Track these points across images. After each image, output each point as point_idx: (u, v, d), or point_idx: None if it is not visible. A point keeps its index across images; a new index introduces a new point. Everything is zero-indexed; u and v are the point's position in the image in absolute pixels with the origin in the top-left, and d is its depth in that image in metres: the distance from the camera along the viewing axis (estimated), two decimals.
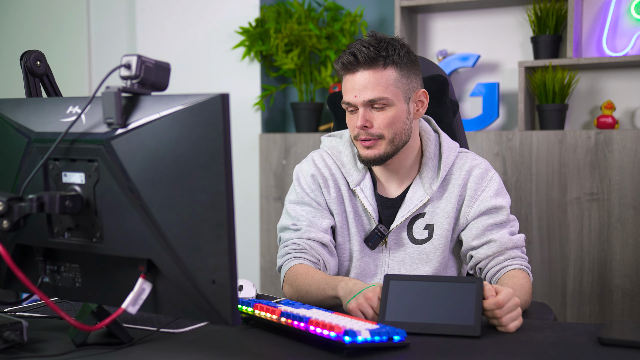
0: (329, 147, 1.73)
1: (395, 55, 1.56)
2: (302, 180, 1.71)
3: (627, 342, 1.17)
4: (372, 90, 1.55)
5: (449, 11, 3.23)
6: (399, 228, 1.67)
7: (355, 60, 1.55)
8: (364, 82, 1.56)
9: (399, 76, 1.57)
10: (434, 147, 1.68)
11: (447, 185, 1.67)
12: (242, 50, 3.45)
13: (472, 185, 1.66)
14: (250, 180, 3.44)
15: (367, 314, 1.34)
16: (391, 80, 1.56)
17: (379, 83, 1.55)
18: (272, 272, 3.35)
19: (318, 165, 1.71)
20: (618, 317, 2.71)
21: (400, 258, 1.67)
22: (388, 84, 1.56)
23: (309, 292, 1.53)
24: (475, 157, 1.70)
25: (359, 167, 1.68)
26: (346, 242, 1.70)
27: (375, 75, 1.55)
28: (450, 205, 1.65)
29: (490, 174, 1.67)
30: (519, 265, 1.59)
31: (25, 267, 1.23)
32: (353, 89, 1.57)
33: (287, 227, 1.69)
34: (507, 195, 1.67)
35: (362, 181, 1.68)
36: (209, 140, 1.01)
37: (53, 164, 1.16)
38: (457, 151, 1.70)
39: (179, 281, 1.06)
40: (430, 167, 1.66)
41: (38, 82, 1.45)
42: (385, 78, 1.56)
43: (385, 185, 1.69)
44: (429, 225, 1.66)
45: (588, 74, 3.01)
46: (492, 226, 1.63)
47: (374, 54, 1.55)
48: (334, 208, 1.69)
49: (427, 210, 1.66)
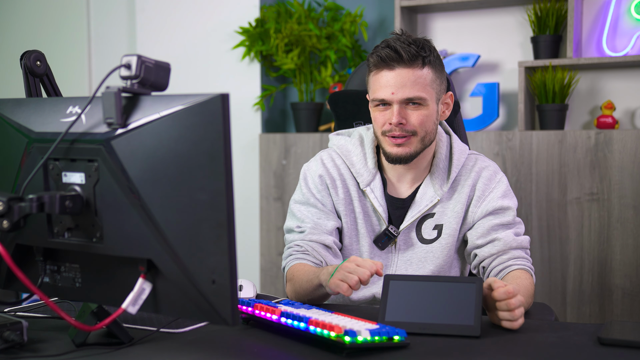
0: (337, 147, 1.73)
1: (432, 55, 1.58)
2: (309, 180, 1.71)
3: (627, 342, 1.17)
4: (411, 89, 1.55)
5: (449, 11, 3.23)
6: (408, 228, 1.67)
7: (398, 56, 1.55)
8: (402, 79, 1.55)
9: (434, 77, 1.59)
10: (445, 149, 1.69)
11: (456, 186, 1.67)
12: (242, 50, 3.45)
13: (480, 186, 1.67)
14: (250, 180, 3.44)
15: (350, 281, 1.33)
16: (428, 80, 1.57)
17: (417, 82, 1.56)
18: (272, 272, 3.35)
19: (327, 165, 1.71)
20: (618, 317, 2.71)
21: (408, 257, 1.67)
22: (425, 84, 1.57)
23: (302, 287, 1.54)
24: (485, 160, 1.71)
25: (369, 167, 1.68)
26: (354, 243, 1.69)
27: (415, 74, 1.56)
28: (460, 206, 1.66)
29: (498, 176, 1.68)
30: (522, 266, 1.60)
31: (25, 267, 1.23)
32: (389, 86, 1.56)
33: (292, 229, 1.69)
34: (515, 198, 1.68)
35: (372, 181, 1.67)
36: (209, 140, 1.01)
37: (53, 164, 1.16)
38: (467, 153, 1.71)
39: (179, 281, 1.06)
40: (441, 168, 1.67)
41: (38, 82, 1.45)
42: (423, 77, 1.56)
43: (396, 185, 1.69)
44: (438, 225, 1.67)
45: (588, 74, 3.01)
46: (498, 226, 1.63)
47: (415, 51, 1.55)
48: (342, 209, 1.69)
49: (437, 211, 1.66)
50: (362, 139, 1.71)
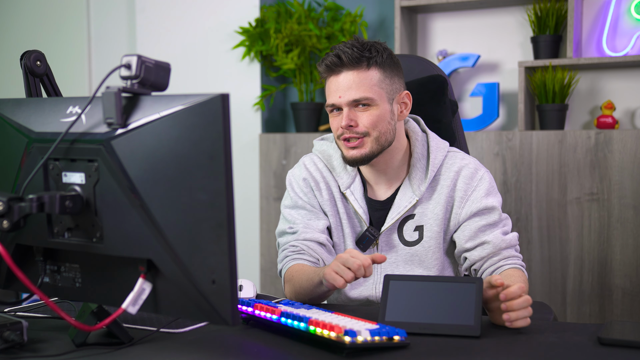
0: (319, 151, 1.75)
1: (379, 56, 1.58)
2: (294, 184, 1.73)
3: (627, 342, 1.17)
4: (357, 90, 1.56)
5: (449, 11, 3.23)
6: (390, 230, 1.67)
7: (340, 61, 1.57)
8: (348, 82, 1.57)
9: (382, 77, 1.59)
10: (421, 148, 1.68)
11: (435, 186, 1.66)
12: (242, 50, 3.45)
13: (461, 186, 1.65)
14: (250, 180, 3.44)
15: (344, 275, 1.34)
16: (375, 80, 1.58)
17: (362, 83, 1.57)
18: (272, 272, 3.35)
19: (309, 168, 1.72)
20: (618, 317, 2.70)
21: (393, 259, 1.67)
22: (372, 84, 1.57)
23: (302, 286, 1.55)
24: (464, 157, 1.69)
25: (348, 170, 1.69)
26: (341, 243, 1.71)
27: (359, 76, 1.57)
28: (439, 207, 1.65)
29: (479, 173, 1.66)
30: (513, 265, 1.60)
31: (25, 267, 1.23)
32: (337, 90, 1.58)
33: (284, 231, 1.70)
34: (498, 194, 1.67)
35: (352, 184, 1.68)
36: (209, 140, 1.01)
37: (53, 164, 1.16)
38: (446, 150, 1.69)
39: (179, 281, 1.06)
40: (418, 167, 1.66)
41: (38, 82, 1.45)
42: (369, 78, 1.57)
43: (374, 187, 1.70)
44: (419, 226, 1.66)
45: (588, 74, 3.01)
46: (485, 227, 1.63)
47: (357, 54, 1.56)
48: (328, 210, 1.70)
49: (417, 212, 1.66)
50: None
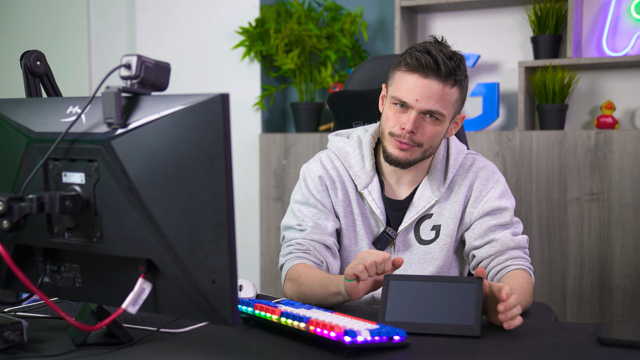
0: (336, 148, 1.72)
1: (462, 76, 1.58)
2: (309, 180, 1.71)
3: (627, 342, 1.17)
4: (436, 103, 1.55)
5: (449, 11, 3.23)
6: (407, 229, 1.67)
7: (436, 67, 1.54)
8: (431, 91, 1.54)
9: (458, 97, 1.59)
10: (443, 150, 1.69)
11: (454, 186, 1.68)
12: (242, 50, 3.45)
13: (477, 186, 1.67)
14: (250, 180, 3.44)
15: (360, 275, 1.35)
16: (453, 99, 1.58)
17: (444, 99, 1.55)
18: (272, 272, 3.35)
19: (326, 166, 1.70)
20: (618, 317, 2.71)
21: (407, 258, 1.67)
22: (449, 102, 1.57)
23: (312, 290, 1.53)
24: (483, 160, 1.71)
25: (366, 170, 1.68)
26: (353, 245, 1.70)
27: (444, 90, 1.55)
28: (457, 206, 1.66)
29: (496, 176, 1.68)
30: (520, 266, 1.59)
31: (25, 267, 1.23)
32: (416, 92, 1.55)
33: (292, 226, 1.68)
34: (512, 198, 1.68)
35: (369, 184, 1.67)
36: (209, 140, 1.01)
37: (53, 164, 1.16)
38: (464, 153, 1.71)
39: (179, 281, 1.06)
40: (439, 169, 1.67)
41: (38, 82, 1.45)
42: (450, 95, 1.56)
43: (393, 186, 1.69)
44: (436, 226, 1.67)
45: (588, 74, 3.01)
46: (495, 227, 1.63)
47: (452, 68, 1.54)
48: (340, 211, 1.69)
49: (434, 211, 1.67)
50: (360, 141, 1.71)
